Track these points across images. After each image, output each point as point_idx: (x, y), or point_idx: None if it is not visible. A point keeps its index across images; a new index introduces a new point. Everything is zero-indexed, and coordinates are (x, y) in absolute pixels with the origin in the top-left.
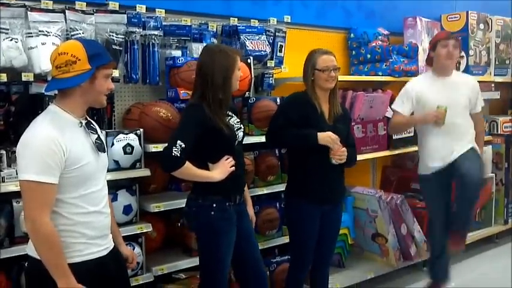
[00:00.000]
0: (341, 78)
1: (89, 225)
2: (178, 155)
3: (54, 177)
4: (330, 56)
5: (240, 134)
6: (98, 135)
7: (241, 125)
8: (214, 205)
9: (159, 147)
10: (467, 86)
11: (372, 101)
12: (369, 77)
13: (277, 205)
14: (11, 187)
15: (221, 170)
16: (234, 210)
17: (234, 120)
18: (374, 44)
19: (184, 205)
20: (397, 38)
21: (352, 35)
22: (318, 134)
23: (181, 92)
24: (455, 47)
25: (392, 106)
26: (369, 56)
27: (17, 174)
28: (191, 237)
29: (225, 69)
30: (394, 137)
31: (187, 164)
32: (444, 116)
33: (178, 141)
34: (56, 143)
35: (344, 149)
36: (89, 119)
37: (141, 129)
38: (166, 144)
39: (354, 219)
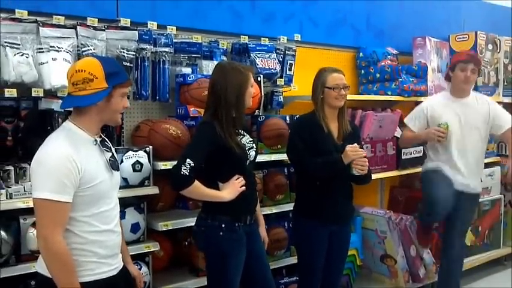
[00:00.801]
0: (350, 97)
1: (101, 244)
2: (187, 173)
3: (68, 195)
4: (340, 74)
5: (252, 153)
6: (112, 153)
7: (254, 145)
8: (223, 225)
9: (168, 165)
10: (484, 107)
11: (382, 121)
12: (378, 96)
13: (286, 225)
14: (19, 204)
15: (231, 190)
16: (244, 231)
17: (246, 140)
18: (383, 64)
19: (192, 224)
20: (406, 58)
21: (361, 54)
22: (342, 155)
23: (191, 109)
24: (474, 72)
25: (405, 120)
26: (378, 75)
27: (24, 190)
28: (198, 257)
29: (238, 86)
30: (403, 157)
31: (196, 182)
32: (446, 133)
33: (188, 160)
34: (71, 161)
35: (365, 159)
36: (103, 136)
37: (151, 147)
38: (176, 162)
39: (362, 240)
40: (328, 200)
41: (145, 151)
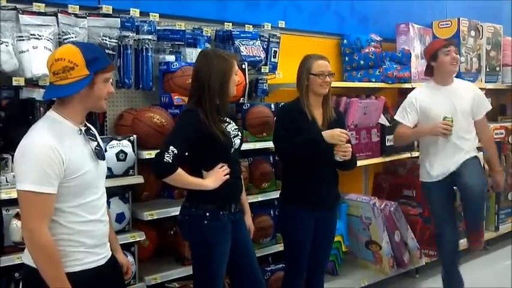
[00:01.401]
0: (334, 84)
1: (88, 234)
2: (170, 161)
3: (52, 186)
4: (325, 61)
5: (237, 141)
6: (98, 142)
7: (239, 132)
8: (208, 214)
9: (152, 154)
10: (469, 92)
11: (366, 108)
12: (362, 84)
13: (271, 212)
14: (1, 195)
15: (215, 178)
16: (229, 219)
17: (231, 127)
18: (367, 50)
19: (177, 213)
20: (390, 45)
21: (345, 41)
22: (323, 133)
23: (175, 97)
24: (457, 53)
25: (396, 117)
26: (362, 62)
27: (6, 181)
28: (184, 246)
29: (222, 73)
30: (387, 143)
31: (180, 170)
32: (451, 127)
33: (171, 147)
34: (55, 151)
35: (348, 145)
36: (88, 125)
37: (135, 136)
38: (159, 150)
39: (347, 226)
40: (313, 186)
41: (129, 140)
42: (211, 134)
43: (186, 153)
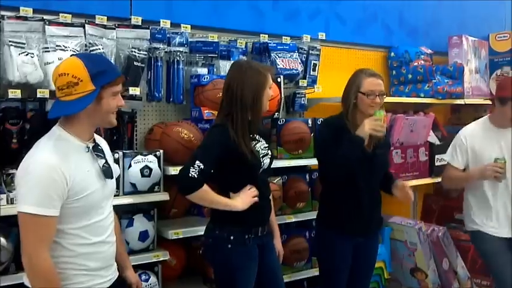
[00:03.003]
0: None
1: (92, 257)
2: (196, 176)
3: (54, 209)
4: (377, 79)
5: (266, 161)
6: (106, 160)
7: (269, 151)
8: (232, 237)
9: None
10: None
11: (413, 125)
12: (410, 99)
13: (307, 234)
14: None
15: (243, 199)
16: (255, 244)
17: (260, 146)
18: (416, 64)
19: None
20: (441, 58)
21: (392, 53)
22: (357, 132)
23: (205, 111)
24: None
25: (446, 158)
26: (410, 76)
27: None
28: (210, 268)
29: (255, 87)
30: (437, 163)
31: (206, 187)
32: (504, 170)
33: (197, 162)
34: (58, 172)
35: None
36: (96, 141)
37: (161, 151)
38: (184, 165)
39: (391, 251)
40: (353, 211)
41: (155, 155)
42: (239, 153)
43: (212, 171)
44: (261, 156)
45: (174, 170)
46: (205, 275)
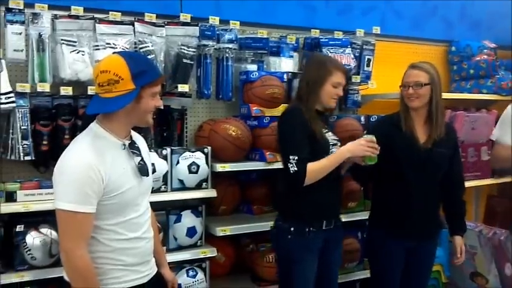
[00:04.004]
0: None
1: (128, 252)
2: (296, 169)
3: (91, 205)
4: (415, 70)
5: (334, 150)
6: (142, 157)
7: (339, 143)
8: (292, 229)
9: (226, 167)
10: None
11: (474, 122)
12: (471, 95)
13: (359, 235)
14: None
15: (354, 146)
16: (318, 237)
17: (330, 135)
18: (478, 58)
19: (254, 230)
20: (506, 52)
21: (453, 48)
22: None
23: (253, 108)
24: None
25: (496, 135)
26: (472, 71)
27: None
28: (261, 265)
29: (314, 79)
30: None
31: (310, 166)
32: None
33: (290, 157)
34: (94, 170)
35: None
36: (133, 138)
37: (209, 148)
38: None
39: (449, 255)
40: (404, 212)
41: (203, 152)
42: (311, 130)
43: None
44: (330, 144)
45: (221, 167)
46: (253, 273)
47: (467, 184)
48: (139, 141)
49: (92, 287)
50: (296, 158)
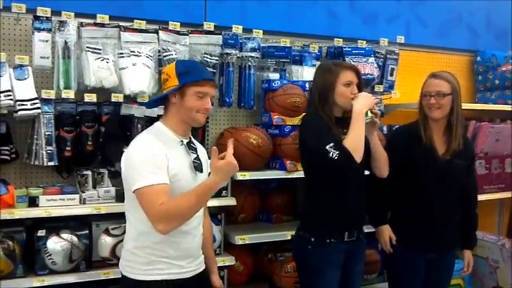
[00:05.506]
0: (464, 106)
1: (173, 245)
2: (339, 151)
3: (164, 177)
4: (436, 79)
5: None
6: (197, 156)
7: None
8: (313, 239)
9: (246, 176)
10: None
11: (499, 133)
12: (496, 106)
13: (379, 246)
14: (90, 209)
15: (364, 98)
16: (339, 248)
17: None
18: (504, 69)
19: (272, 239)
20: None
21: (478, 58)
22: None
23: (274, 117)
24: None
25: None
26: (497, 82)
27: (98, 196)
28: (279, 275)
29: (323, 85)
30: None
31: (346, 143)
32: None
33: (326, 147)
34: (159, 149)
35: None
36: (192, 139)
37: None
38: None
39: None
40: (424, 223)
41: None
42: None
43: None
44: None
45: (241, 176)
46: (271, 282)
47: (491, 196)
48: (199, 146)
49: (190, 198)
50: (332, 144)
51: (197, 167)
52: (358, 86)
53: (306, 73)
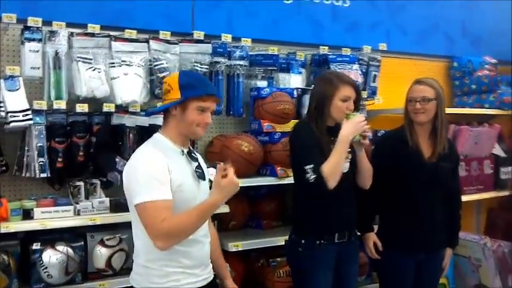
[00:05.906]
0: None
1: (187, 255)
2: (314, 176)
3: (167, 191)
4: (421, 85)
5: (346, 165)
6: (199, 164)
7: (350, 155)
8: (303, 241)
9: (239, 183)
10: None
11: (478, 137)
12: (474, 110)
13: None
14: (85, 221)
15: (352, 124)
16: (330, 250)
17: None
18: (480, 74)
19: (264, 245)
20: (507, 67)
21: (455, 63)
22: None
23: (264, 124)
24: None
25: None
26: (474, 86)
27: (92, 207)
28: (272, 280)
29: (321, 95)
30: (502, 176)
31: (324, 167)
32: None
33: (306, 167)
34: (162, 161)
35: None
36: (191, 149)
37: (221, 163)
38: (301, 175)
39: (454, 267)
40: (412, 225)
41: (214, 168)
42: (320, 145)
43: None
44: None
45: None
46: (264, 287)
47: (471, 197)
48: (199, 156)
49: (190, 217)
50: (312, 166)
51: (200, 175)
52: (355, 102)
53: (293, 80)
